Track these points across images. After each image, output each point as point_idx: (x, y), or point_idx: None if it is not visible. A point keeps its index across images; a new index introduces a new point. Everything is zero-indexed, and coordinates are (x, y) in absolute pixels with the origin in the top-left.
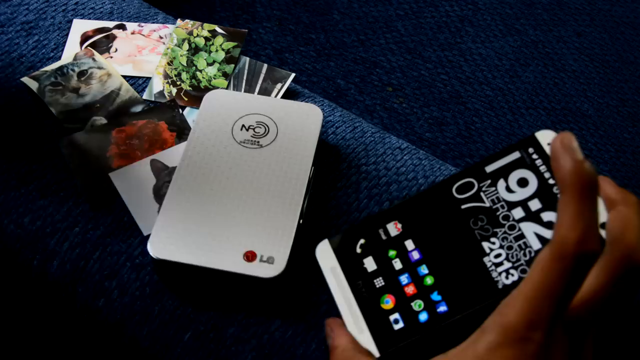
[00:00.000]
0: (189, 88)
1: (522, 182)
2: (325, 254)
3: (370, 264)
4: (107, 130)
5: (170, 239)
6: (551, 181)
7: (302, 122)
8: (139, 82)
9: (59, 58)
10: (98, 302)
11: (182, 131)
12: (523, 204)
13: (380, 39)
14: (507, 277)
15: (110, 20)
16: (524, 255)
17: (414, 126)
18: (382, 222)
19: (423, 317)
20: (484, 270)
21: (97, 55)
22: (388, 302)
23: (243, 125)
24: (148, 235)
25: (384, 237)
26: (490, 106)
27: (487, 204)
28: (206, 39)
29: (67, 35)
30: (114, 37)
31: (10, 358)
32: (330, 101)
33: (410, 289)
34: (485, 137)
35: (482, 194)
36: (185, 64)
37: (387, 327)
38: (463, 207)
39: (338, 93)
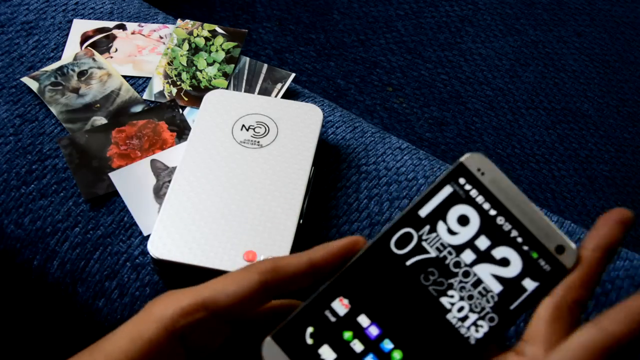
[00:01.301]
0: (189, 88)
1: (463, 220)
2: (273, 354)
3: (327, 353)
4: (107, 130)
5: (170, 239)
6: (492, 212)
7: (302, 122)
8: (139, 82)
9: (59, 58)
10: (98, 302)
11: (182, 131)
12: (470, 245)
13: (380, 39)
14: (477, 331)
15: (110, 20)
16: (487, 302)
17: (414, 126)
18: (326, 301)
19: None
20: (451, 329)
21: (97, 55)
22: None
23: (243, 125)
24: (148, 235)
25: (333, 319)
26: (490, 106)
27: (433, 254)
28: (206, 39)
29: (67, 35)
30: (114, 37)
31: (11, 358)
32: (330, 101)
33: None
34: (485, 137)
35: (423, 243)
36: (185, 64)
37: None
38: (408, 263)
39: (338, 93)
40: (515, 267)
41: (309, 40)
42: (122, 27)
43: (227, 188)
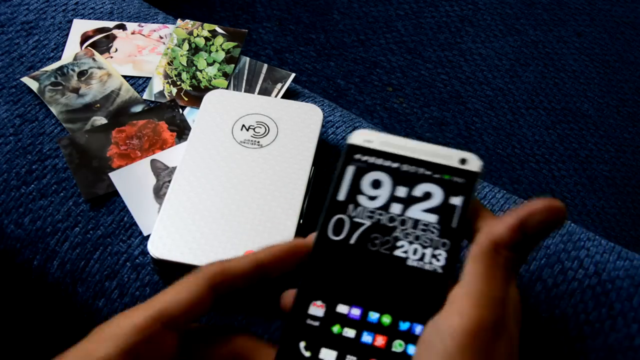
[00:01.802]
0: (189, 88)
1: (375, 184)
2: None
3: (328, 355)
4: (107, 130)
5: (170, 239)
6: (394, 165)
7: (302, 122)
8: (139, 82)
9: (59, 58)
10: (98, 302)
11: (182, 131)
12: (393, 198)
13: (380, 39)
14: (438, 260)
15: (110, 20)
16: (432, 233)
17: (414, 126)
18: (303, 312)
19: (412, 350)
20: (417, 271)
21: (97, 55)
22: None
23: (243, 125)
24: (148, 235)
25: (316, 324)
26: (490, 106)
27: (368, 223)
28: (206, 39)
29: (67, 35)
30: (114, 37)
31: (11, 358)
32: (330, 101)
33: (380, 341)
34: (485, 137)
35: (355, 219)
36: (185, 64)
37: None
38: (351, 241)
39: (338, 93)
40: (437, 194)
41: (309, 40)
42: (122, 27)
43: (227, 188)
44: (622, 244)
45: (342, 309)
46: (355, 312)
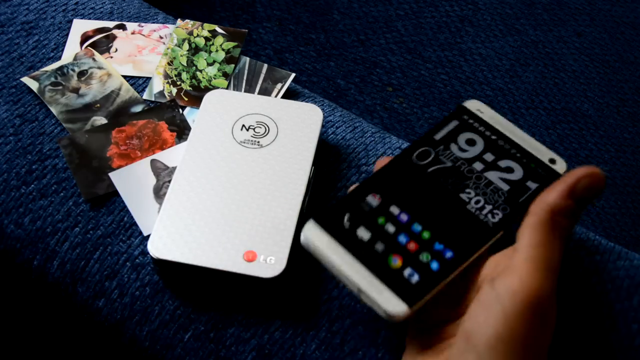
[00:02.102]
0: (189, 88)
1: (470, 142)
2: (314, 235)
3: (363, 233)
4: (107, 130)
5: (170, 239)
6: (493, 137)
7: (302, 122)
8: (139, 82)
9: (59, 58)
10: (98, 302)
11: (182, 131)
12: (479, 158)
13: (380, 39)
14: (493, 217)
15: (110, 20)
16: (499, 196)
17: (414, 126)
18: (361, 196)
19: (434, 265)
20: (471, 215)
21: (97, 55)
22: (396, 261)
23: (243, 125)
24: (148, 235)
25: (367, 209)
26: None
27: (449, 164)
28: (206, 39)
29: (67, 35)
30: (114, 37)
31: (11, 358)
32: (330, 101)
33: (412, 246)
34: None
35: (441, 157)
36: (185, 64)
37: (405, 283)
38: (429, 170)
39: (338, 93)
40: (518, 172)
41: (309, 40)
42: (122, 27)
43: (227, 188)
44: (622, 244)
45: (393, 209)
46: (404, 217)
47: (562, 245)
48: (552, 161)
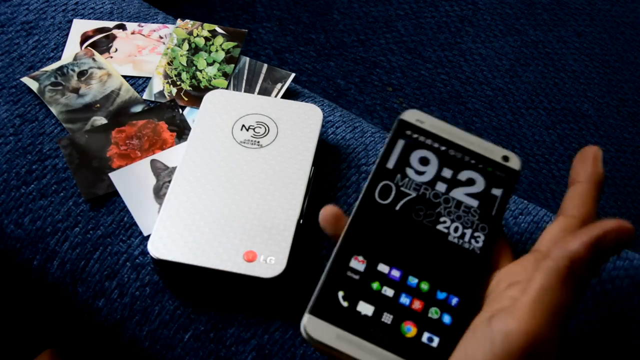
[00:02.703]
0: (189, 88)
1: (424, 161)
2: (317, 331)
3: (365, 309)
4: (107, 130)
5: (171, 239)
6: (442, 147)
7: (302, 122)
8: (139, 82)
9: (59, 58)
10: (98, 302)
11: (182, 131)
12: (439, 177)
13: (380, 39)
14: (477, 241)
15: (110, 20)
16: (472, 216)
17: None
18: (344, 264)
19: (447, 319)
20: (456, 247)
21: (97, 55)
22: (410, 330)
23: (243, 125)
24: (148, 236)
25: (356, 277)
26: (490, 106)
27: (413, 194)
28: (206, 39)
29: (67, 35)
30: (114, 37)
31: (11, 358)
32: (330, 101)
33: (417, 305)
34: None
35: (402, 188)
36: (185, 64)
37: (428, 350)
38: (397, 208)
39: (338, 93)
40: (480, 182)
41: (309, 40)
42: (122, 27)
43: (227, 188)
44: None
45: (382, 268)
46: (395, 273)
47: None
48: (506, 159)
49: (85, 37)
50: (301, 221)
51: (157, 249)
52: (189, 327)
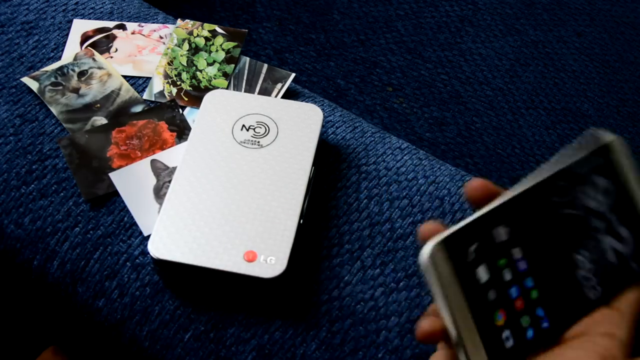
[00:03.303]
0: (189, 88)
1: (606, 192)
2: (438, 261)
3: (483, 273)
4: (107, 130)
5: (171, 239)
6: (623, 191)
7: (302, 122)
8: (139, 82)
9: (59, 58)
10: (98, 302)
11: (182, 131)
12: (605, 215)
13: (380, 39)
14: (593, 294)
15: (110, 20)
16: (605, 269)
17: (414, 126)
18: (494, 223)
19: (529, 334)
20: (577, 284)
21: (97, 55)
22: (500, 318)
23: (243, 125)
24: (148, 236)
25: (495, 242)
26: (490, 106)
27: (581, 212)
28: (206, 39)
29: (67, 35)
30: (114, 37)
31: (11, 358)
32: (330, 101)
33: (519, 303)
34: (485, 137)
35: (576, 200)
36: (185, 64)
37: (500, 346)
38: (559, 213)
39: (338, 93)
40: (628, 246)
41: (309, 40)
42: (122, 27)
43: (227, 188)
44: None
45: (516, 252)
46: (522, 265)
47: None
48: None
49: (85, 37)
50: (301, 221)
51: (157, 249)
52: (189, 327)
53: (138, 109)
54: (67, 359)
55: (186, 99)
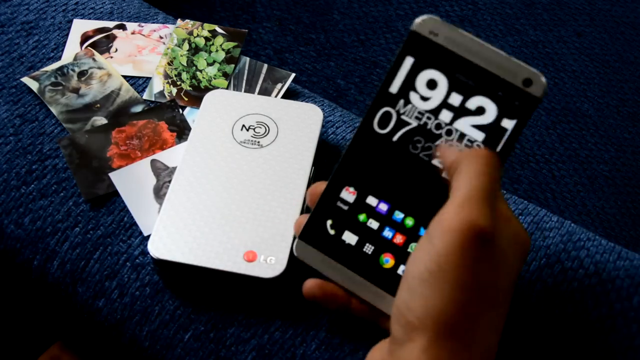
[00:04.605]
0: (189, 88)
1: (431, 84)
2: (306, 253)
3: (350, 237)
4: (107, 130)
5: (171, 239)
6: (455, 68)
7: (302, 122)
8: (139, 82)
9: (59, 58)
10: (98, 302)
11: (182, 131)
12: (445, 105)
13: (380, 39)
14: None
15: (110, 20)
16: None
17: None
18: (335, 194)
19: None
20: (443, 186)
21: (97, 55)
22: (388, 261)
23: (243, 125)
24: (148, 236)
25: (345, 208)
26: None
27: (414, 124)
28: (206, 39)
29: (67, 35)
30: (114, 37)
31: (11, 358)
32: (330, 101)
33: (398, 239)
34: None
35: (403, 117)
36: (185, 64)
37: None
38: (394, 139)
39: (338, 93)
40: (491, 112)
41: (309, 40)
42: (122, 27)
43: (227, 188)
44: (622, 244)
45: (371, 200)
46: (383, 207)
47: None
48: (528, 82)
49: (85, 37)
50: None
51: (157, 249)
52: (189, 327)
53: (138, 109)
54: (72, 354)
55: (186, 99)
